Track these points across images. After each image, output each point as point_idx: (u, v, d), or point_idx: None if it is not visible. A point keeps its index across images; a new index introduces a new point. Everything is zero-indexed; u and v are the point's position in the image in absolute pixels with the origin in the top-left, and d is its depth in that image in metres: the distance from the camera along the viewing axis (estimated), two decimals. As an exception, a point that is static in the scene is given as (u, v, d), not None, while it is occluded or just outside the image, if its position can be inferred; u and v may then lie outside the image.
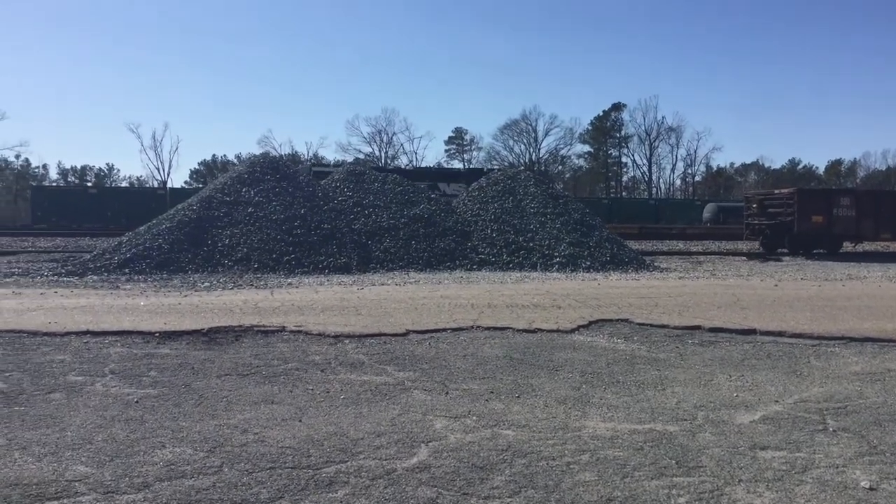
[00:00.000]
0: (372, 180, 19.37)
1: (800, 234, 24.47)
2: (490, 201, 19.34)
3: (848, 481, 3.93)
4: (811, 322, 9.14)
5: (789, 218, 24.53)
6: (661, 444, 4.52)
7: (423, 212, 18.13)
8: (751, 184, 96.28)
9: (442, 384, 6.00)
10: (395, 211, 17.99)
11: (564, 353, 7.26)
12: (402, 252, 16.64)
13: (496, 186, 20.13)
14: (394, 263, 16.22)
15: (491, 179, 20.81)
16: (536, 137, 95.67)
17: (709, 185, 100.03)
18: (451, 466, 4.10)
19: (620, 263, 17.42)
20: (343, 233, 16.89)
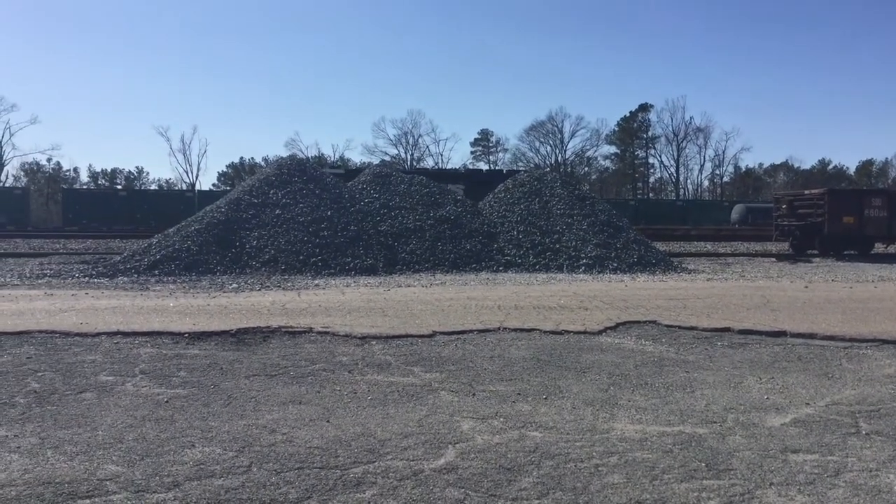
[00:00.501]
0: (398, 182, 19.42)
1: (830, 235, 24.11)
2: (516, 203, 19.30)
3: (882, 485, 3.87)
4: (843, 324, 9.01)
5: (819, 219, 24.17)
6: (691, 447, 4.48)
7: (450, 213, 18.14)
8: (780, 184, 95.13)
9: (469, 385, 6.00)
10: (420, 212, 18.02)
11: (592, 355, 7.22)
12: (427, 254, 16.66)
13: (522, 188, 20.07)
14: (420, 265, 16.24)
15: (517, 181, 20.75)
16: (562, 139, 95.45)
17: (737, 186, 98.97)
18: (479, 468, 4.09)
19: (648, 265, 17.29)
20: (369, 234, 16.96)
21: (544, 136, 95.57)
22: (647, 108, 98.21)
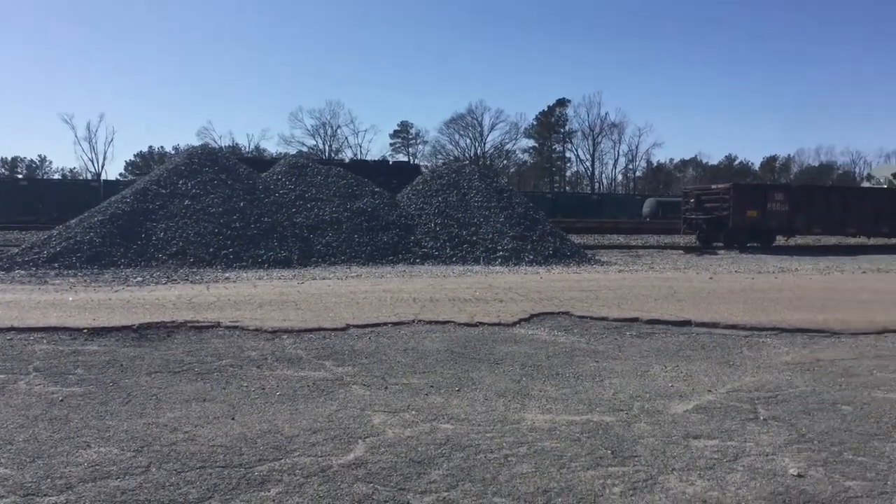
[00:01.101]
0: (314, 173, 19.12)
1: (735, 228, 25.03)
2: (434, 195, 19.29)
3: (777, 469, 4.01)
4: (744, 314, 9.35)
5: (725, 212, 25.06)
6: (598, 435, 4.55)
7: (367, 205, 17.99)
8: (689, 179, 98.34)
9: (381, 379, 5.94)
10: (337, 204, 17.79)
11: (505, 347, 7.27)
12: (344, 246, 16.47)
13: (441, 180, 20.08)
14: (336, 257, 16.04)
15: (435, 173, 20.76)
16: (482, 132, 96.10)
17: (649, 181, 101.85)
18: (389, 462, 4.05)
19: (563, 257, 17.57)
20: (284, 226, 16.64)
21: (464, 129, 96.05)
22: (564, 104, 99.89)
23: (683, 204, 28.50)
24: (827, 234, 27.75)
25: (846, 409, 5.23)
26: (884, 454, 4.26)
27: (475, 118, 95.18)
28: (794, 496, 3.63)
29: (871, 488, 3.74)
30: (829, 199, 26.52)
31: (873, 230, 26.99)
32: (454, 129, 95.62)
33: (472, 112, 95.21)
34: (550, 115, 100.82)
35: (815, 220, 25.93)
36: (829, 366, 6.65)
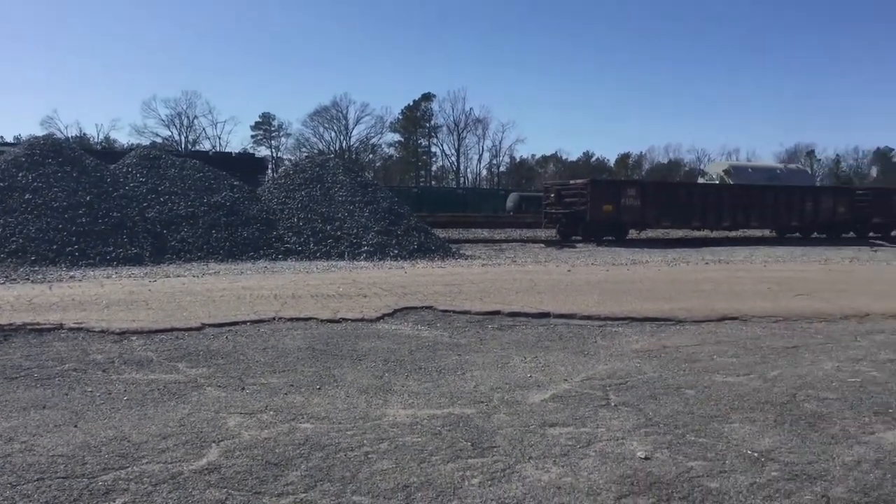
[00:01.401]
0: (168, 165, 18.28)
1: (592, 222, 26.11)
2: (297, 189, 18.93)
3: (626, 452, 4.19)
4: (599, 304, 9.75)
5: (583, 207, 26.10)
6: (459, 428, 4.60)
7: (225, 199, 17.39)
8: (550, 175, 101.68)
9: (238, 379, 5.75)
10: (193, 198, 17.09)
11: (368, 342, 7.22)
12: (201, 242, 15.85)
13: (303, 174, 19.73)
14: (192, 254, 15.41)
15: (298, 167, 20.38)
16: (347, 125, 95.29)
17: (512, 176, 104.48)
18: (244, 465, 3.91)
19: (427, 251, 17.71)
20: (135, 221, 15.81)
21: (329, 122, 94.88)
22: (429, 98, 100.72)
23: (544, 199, 29.43)
24: (675, 228, 29.48)
25: (689, 392, 5.55)
26: (723, 434, 4.54)
27: (340, 111, 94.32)
28: (642, 478, 3.80)
29: (711, 467, 3.97)
30: (676, 195, 28.19)
31: (716, 224, 28.92)
32: (318, 121, 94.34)
33: (336, 105, 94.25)
34: (416, 109, 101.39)
35: (664, 215, 27.49)
36: (674, 352, 7.03)
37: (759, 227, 31.22)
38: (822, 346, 7.40)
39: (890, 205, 32.72)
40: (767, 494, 3.62)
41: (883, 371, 6.34)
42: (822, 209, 30.57)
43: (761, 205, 29.40)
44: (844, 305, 10.14)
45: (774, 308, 9.79)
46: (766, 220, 30.23)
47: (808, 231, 31.34)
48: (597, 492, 3.63)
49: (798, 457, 4.15)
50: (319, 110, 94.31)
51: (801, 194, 31.41)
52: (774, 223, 30.78)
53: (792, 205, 30.11)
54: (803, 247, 25.59)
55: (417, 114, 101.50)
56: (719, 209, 28.50)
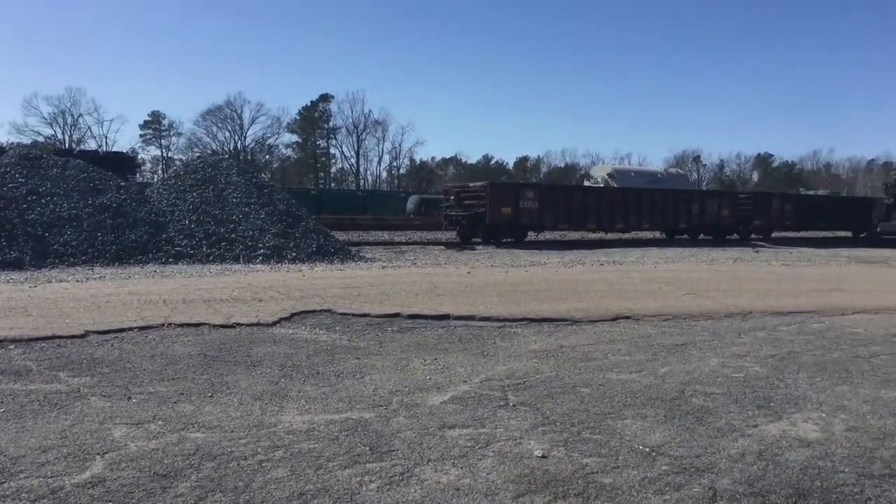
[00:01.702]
0: (50, 165, 17.32)
1: (491, 224, 26.42)
2: (188, 190, 18.28)
3: (524, 451, 4.22)
4: (498, 306, 9.85)
5: (482, 209, 26.37)
6: (357, 432, 4.52)
7: (111, 200, 16.61)
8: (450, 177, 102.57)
9: (125, 388, 5.48)
10: (77, 199, 16.24)
11: (264, 348, 7.03)
12: (85, 245, 15.08)
13: (195, 175, 19.07)
14: (76, 258, 14.64)
15: (190, 167, 19.71)
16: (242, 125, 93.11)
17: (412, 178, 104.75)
18: (130, 478, 3.72)
19: (327, 254, 17.47)
20: (14, 224, 14.89)
21: (222, 122, 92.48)
22: (327, 99, 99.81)
23: (444, 201, 29.58)
24: (571, 230, 30.24)
25: (585, 391, 5.65)
26: (616, 431, 4.64)
27: (234, 110, 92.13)
28: (539, 476, 3.84)
29: (605, 464, 4.05)
30: (572, 198, 28.90)
31: (610, 226, 29.82)
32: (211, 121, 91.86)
33: (230, 104, 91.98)
34: (314, 110, 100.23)
35: (562, 217, 28.13)
36: (570, 352, 7.16)
37: (650, 229, 32.42)
38: (708, 343, 7.71)
39: (770, 208, 34.66)
40: (658, 488, 3.71)
41: (765, 366, 6.65)
42: (708, 212, 32.03)
43: (652, 208, 30.53)
44: (729, 304, 10.63)
45: (665, 307, 10.15)
46: (657, 223, 31.41)
47: (696, 233, 32.76)
48: (495, 492, 3.63)
49: (687, 450, 4.29)
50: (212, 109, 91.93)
51: (689, 198, 32.84)
52: (664, 225, 32.03)
53: (680, 208, 31.41)
54: (691, 248, 26.72)
55: (315, 115, 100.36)
56: (613, 212, 29.41)
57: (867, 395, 5.68)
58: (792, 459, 4.17)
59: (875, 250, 29.04)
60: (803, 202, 38.07)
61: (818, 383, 6.03)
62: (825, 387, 5.92)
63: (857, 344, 7.85)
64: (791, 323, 9.15)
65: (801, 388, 5.84)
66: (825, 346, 7.71)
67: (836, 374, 6.41)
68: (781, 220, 35.11)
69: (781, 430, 4.72)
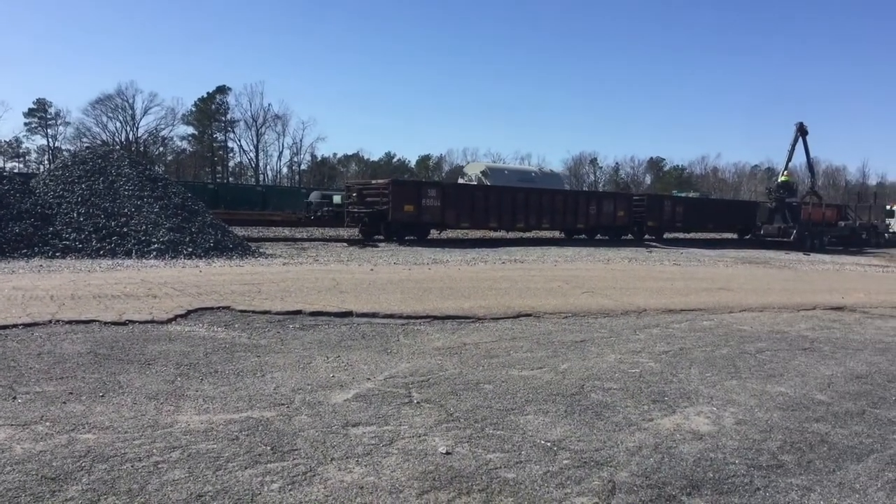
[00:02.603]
0: (-77, 152, 16.20)
1: (394, 221, 26.38)
2: (77, 182, 17.42)
3: (428, 448, 4.23)
4: (401, 303, 9.84)
5: (385, 207, 26.29)
6: (258, 432, 4.42)
7: (-7, 191, 15.68)
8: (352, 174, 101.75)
9: (9, 388, 5.17)
10: (-46, 189, 15.26)
11: (159, 346, 6.79)
12: (-36, 237, 14.17)
13: (84, 166, 18.18)
14: (-47, 251, 13.75)
15: (78, 158, 18.79)
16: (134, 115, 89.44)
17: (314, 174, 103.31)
18: (16, 481, 3.51)
19: (225, 250, 17.01)
20: None
21: (113, 111, 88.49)
22: (225, 91, 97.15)
23: (347, 198, 29.33)
24: (473, 228, 30.53)
25: (488, 387, 5.72)
26: (518, 426, 4.72)
27: (125, 100, 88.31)
28: (443, 473, 3.86)
29: (508, 459, 4.10)
30: (474, 197, 29.18)
31: (511, 225, 30.29)
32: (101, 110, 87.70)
33: (121, 93, 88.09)
34: (210, 102, 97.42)
35: (464, 216, 28.37)
36: (474, 349, 7.24)
37: (549, 229, 33.11)
38: (606, 340, 7.95)
39: (662, 210, 36.05)
40: (559, 482, 3.80)
41: (659, 362, 6.91)
42: (604, 213, 33.02)
43: (552, 208, 31.20)
44: (625, 301, 10.99)
45: (564, 304, 10.40)
46: (557, 222, 32.12)
47: (593, 233, 33.72)
48: (399, 489, 3.63)
49: (586, 444, 4.40)
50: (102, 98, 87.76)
51: (587, 198, 33.81)
52: (563, 225, 32.79)
53: (578, 208, 32.25)
54: (588, 247, 27.48)
55: (212, 107, 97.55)
56: (514, 211, 29.88)
57: (754, 389, 5.99)
58: (686, 452, 4.35)
59: (759, 251, 30.69)
60: (693, 205, 39.78)
61: (709, 378, 6.32)
62: (715, 381, 6.21)
63: (745, 340, 8.26)
64: (683, 320, 9.55)
65: (693, 383, 6.10)
66: (715, 342, 8.09)
67: (725, 369, 6.73)
68: (673, 221, 36.58)
69: (675, 424, 4.92)
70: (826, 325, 9.71)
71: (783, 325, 9.57)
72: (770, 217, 36.06)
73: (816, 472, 4.12)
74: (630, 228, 34.96)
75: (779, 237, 34.69)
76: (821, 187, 61.18)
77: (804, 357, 7.47)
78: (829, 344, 8.30)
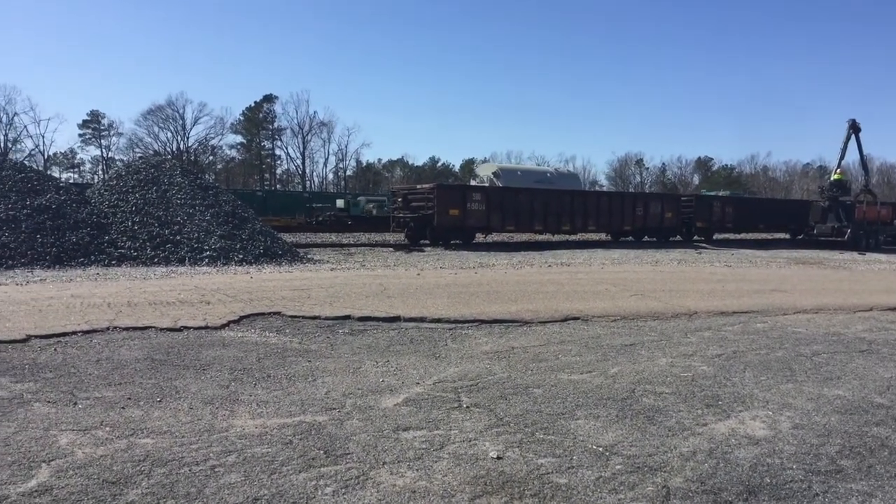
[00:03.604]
0: (-15, 166, 16.78)
1: (439, 226, 26.46)
2: (131, 191, 17.87)
3: (479, 453, 4.24)
4: (448, 307, 9.87)
5: (430, 212, 26.39)
6: (310, 436, 4.48)
7: (51, 202, 16.15)
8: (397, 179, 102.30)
9: (70, 394, 5.33)
10: (14, 201, 15.74)
11: (213, 351, 6.92)
12: (24, 247, 14.62)
13: (137, 175, 18.66)
14: (14, 260, 14.19)
15: (132, 168, 19.28)
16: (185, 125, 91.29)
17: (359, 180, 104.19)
18: (78, 485, 3.62)
19: (274, 256, 17.28)
20: (-53, 226, 14.37)
21: (164, 122, 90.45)
22: (272, 100, 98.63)
23: (392, 203, 29.50)
24: (519, 232, 30.45)
25: (537, 391, 5.71)
26: (569, 431, 4.70)
27: (176, 110, 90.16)
28: (494, 477, 3.86)
29: (559, 464, 4.09)
30: (519, 200, 29.08)
31: (556, 228, 30.13)
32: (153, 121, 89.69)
33: (172, 104, 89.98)
34: (258, 110, 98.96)
35: (509, 219, 28.31)
36: (522, 353, 7.22)
37: (595, 231, 32.86)
38: (656, 343, 7.86)
39: (711, 210, 35.50)
40: (612, 487, 3.77)
41: (712, 366, 6.81)
42: (651, 214, 32.65)
43: (597, 210, 30.96)
44: (675, 304, 10.85)
45: (613, 308, 10.31)
46: (603, 225, 31.86)
47: (640, 235, 33.37)
48: (451, 494, 3.64)
49: (639, 450, 4.36)
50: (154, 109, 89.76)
51: (634, 200, 33.45)
52: (610, 227, 32.50)
53: (625, 210, 31.94)
54: (636, 249, 27.18)
55: (260, 115, 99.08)
56: (559, 214, 29.72)
57: (811, 393, 5.87)
58: (741, 457, 4.28)
59: (812, 251, 30.00)
60: (744, 205, 39.07)
61: (763, 382, 6.20)
62: (770, 385, 6.09)
63: (800, 343, 8.09)
64: (735, 323, 9.39)
65: (748, 387, 6.00)
66: (769, 345, 7.94)
67: (780, 372, 6.60)
68: (723, 222, 36.00)
69: (730, 429, 4.84)
70: (884, 327, 9.45)
71: (839, 326, 9.35)
72: (823, 216, 35.22)
73: (877, 478, 4.02)
74: (678, 230, 34.49)
75: (832, 237, 33.86)
76: (875, 185, 59.46)
77: (862, 359, 7.28)
78: (887, 346, 8.07)
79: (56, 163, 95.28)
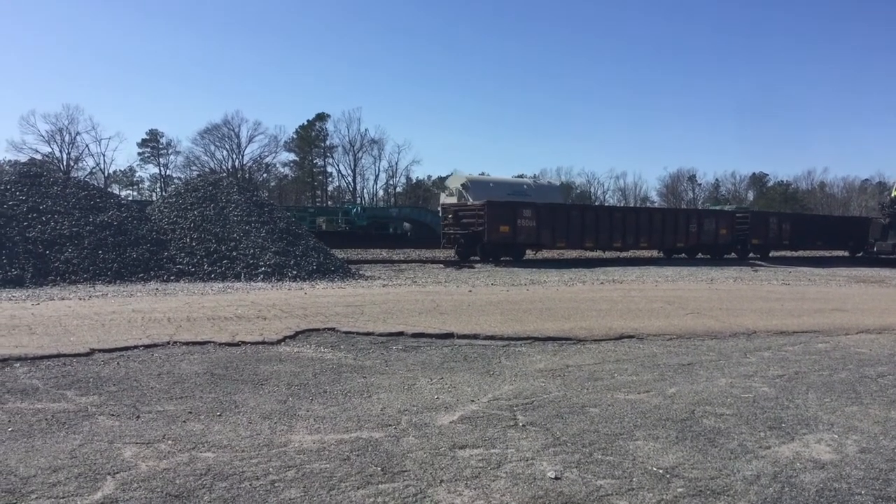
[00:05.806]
0: (51, 183, 17.35)
1: (490, 242, 26.42)
2: (189, 208, 18.30)
3: (536, 473, 4.20)
4: (501, 324, 9.84)
5: (480, 228, 26.38)
6: (367, 452, 4.50)
7: (112, 219, 16.62)
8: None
9: (133, 407, 5.45)
10: (78, 217, 16.24)
11: (270, 366, 7.01)
12: (87, 263, 15.06)
13: (196, 193, 19.11)
14: (77, 275, 14.62)
15: (190, 186, 19.74)
16: (240, 143, 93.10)
17: (409, 196, 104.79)
18: (142, 498, 3.70)
19: (327, 272, 17.46)
20: (15, 241, 14.87)
21: (220, 140, 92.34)
22: (324, 118, 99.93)
23: (443, 219, 29.59)
24: (569, 248, 30.19)
25: (594, 411, 5.64)
26: (628, 452, 4.63)
27: (232, 129, 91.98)
28: (553, 498, 3.82)
29: (619, 485, 4.03)
30: (569, 216, 28.88)
31: (608, 245, 29.81)
32: (209, 139, 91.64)
33: (228, 123, 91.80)
34: (311, 129, 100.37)
35: (559, 235, 28.11)
36: (577, 371, 7.15)
37: (647, 248, 32.39)
38: (715, 363, 7.71)
39: (768, 227, 34.71)
40: (675, 510, 3.70)
41: (773, 387, 6.65)
42: (705, 231, 32.06)
43: (650, 226, 30.55)
44: (732, 323, 10.63)
45: (668, 326, 10.15)
46: (655, 241, 31.40)
47: (693, 252, 32.77)
48: (511, 514, 3.61)
49: (701, 472, 4.27)
50: (210, 128, 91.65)
51: (687, 216, 32.89)
52: (662, 244, 32.01)
53: (678, 226, 31.43)
54: (689, 267, 26.72)
55: (312, 133, 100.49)
56: (611, 230, 29.41)
57: (877, 416, 5.68)
58: (807, 481, 4.16)
59: (873, 269, 29.10)
60: (801, 222, 38.14)
61: (828, 404, 6.03)
62: (835, 407, 5.92)
63: (864, 364, 7.85)
64: (796, 343, 9.16)
65: (811, 409, 5.84)
66: (832, 365, 7.72)
67: (844, 394, 6.41)
68: (779, 239, 35.15)
69: (795, 452, 4.71)
70: (954, 348, 9.11)
71: (906, 347, 9.04)
72: (884, 233, 34.10)
73: (954, 507, 3.87)
74: (733, 247, 33.80)
75: (894, 255, 32.79)
76: (940, 200, 57.44)
77: (932, 382, 7.03)
78: (959, 368, 7.78)
79: (116, 180, 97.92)
